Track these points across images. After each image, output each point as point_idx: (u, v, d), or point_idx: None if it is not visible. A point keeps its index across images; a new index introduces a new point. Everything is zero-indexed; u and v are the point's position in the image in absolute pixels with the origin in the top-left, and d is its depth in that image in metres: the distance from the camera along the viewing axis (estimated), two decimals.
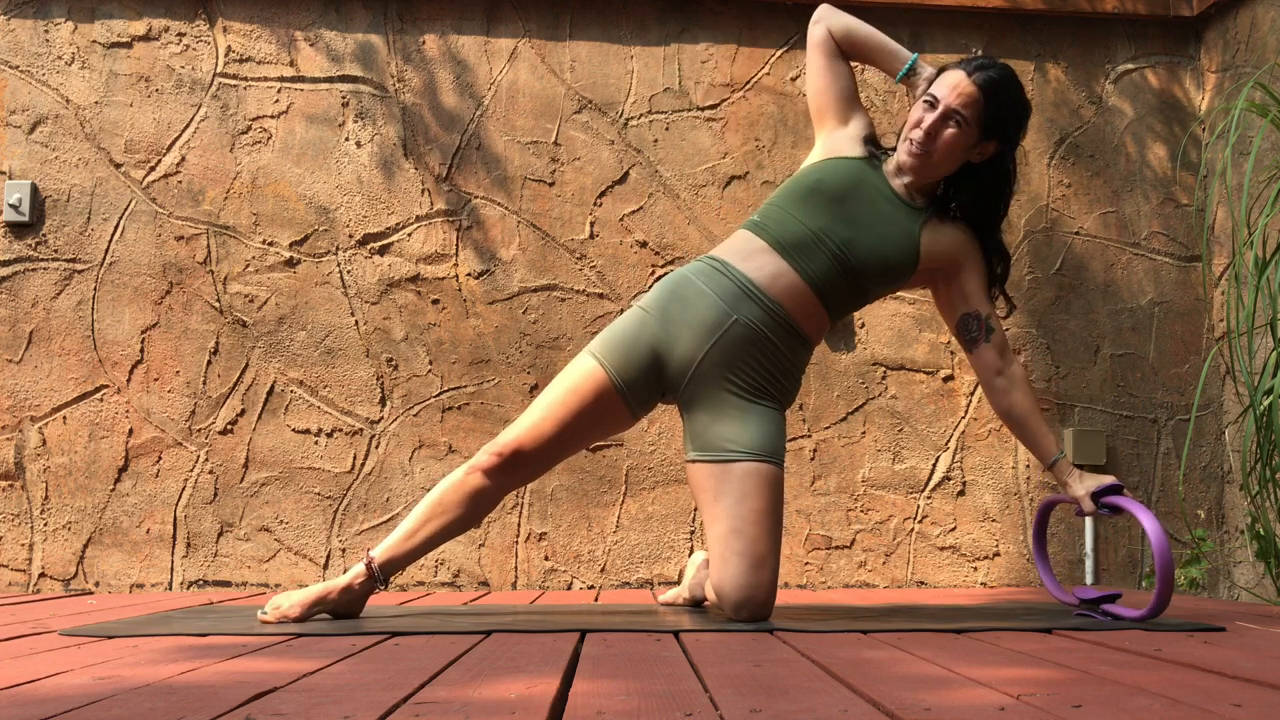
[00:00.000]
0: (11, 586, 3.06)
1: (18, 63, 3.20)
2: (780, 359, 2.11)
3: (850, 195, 2.13)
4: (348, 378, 3.17)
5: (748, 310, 2.08)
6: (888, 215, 2.13)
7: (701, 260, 2.18)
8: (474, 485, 2.07)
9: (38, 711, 1.06)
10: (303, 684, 1.24)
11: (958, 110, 2.09)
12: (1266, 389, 2.53)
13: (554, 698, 1.14)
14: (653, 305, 2.14)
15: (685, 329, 2.09)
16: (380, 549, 2.06)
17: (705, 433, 2.08)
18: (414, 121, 3.26)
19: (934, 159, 2.11)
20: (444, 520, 2.07)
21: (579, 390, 2.10)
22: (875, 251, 2.11)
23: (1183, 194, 3.43)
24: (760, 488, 2.03)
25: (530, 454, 2.08)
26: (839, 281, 2.11)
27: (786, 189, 2.17)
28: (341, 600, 2.03)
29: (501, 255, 3.23)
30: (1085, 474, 2.12)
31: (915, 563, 3.22)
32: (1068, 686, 1.20)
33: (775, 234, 2.11)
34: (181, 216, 3.19)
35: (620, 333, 2.13)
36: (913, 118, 2.12)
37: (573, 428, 2.09)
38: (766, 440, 2.06)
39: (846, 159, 2.17)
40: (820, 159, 2.21)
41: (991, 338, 2.18)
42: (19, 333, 3.12)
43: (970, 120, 2.09)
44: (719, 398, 2.09)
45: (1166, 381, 3.36)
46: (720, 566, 2.02)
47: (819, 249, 2.09)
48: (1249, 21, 3.24)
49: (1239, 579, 3.20)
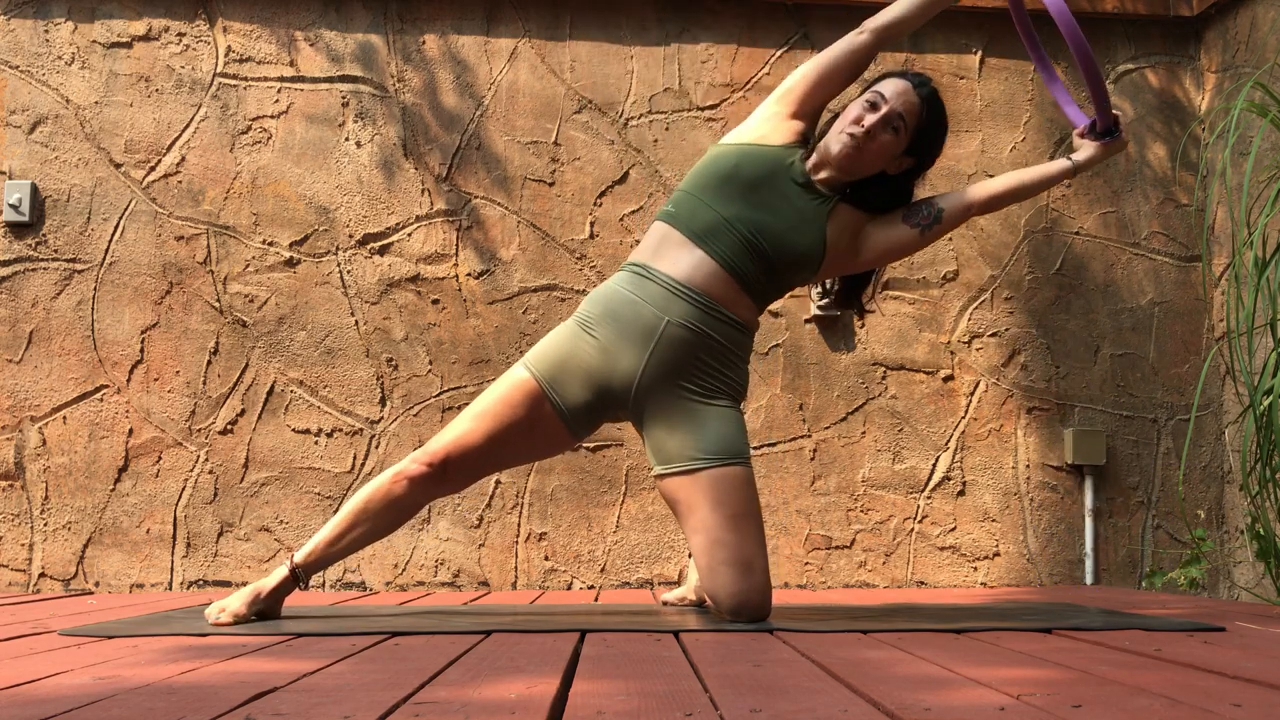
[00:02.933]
0: (11, 586, 3.06)
1: (18, 63, 3.20)
2: (722, 352, 2.09)
3: (764, 184, 2.11)
4: (348, 378, 3.17)
5: (677, 309, 2.06)
6: (799, 204, 2.12)
7: (625, 268, 2.15)
8: (399, 493, 2.05)
9: (38, 711, 1.06)
10: (303, 684, 1.24)
11: (900, 115, 2.10)
12: (1266, 389, 2.53)
13: (554, 698, 1.14)
14: (586, 321, 2.10)
15: (621, 341, 2.06)
16: (303, 552, 2.05)
17: (665, 446, 2.06)
18: (414, 121, 3.26)
19: (865, 157, 2.10)
20: (367, 527, 2.06)
21: (509, 400, 2.07)
22: (785, 238, 2.10)
23: (1183, 194, 3.43)
24: (731, 492, 2.01)
25: (458, 464, 2.06)
26: (752, 265, 2.09)
27: (702, 174, 2.14)
28: (268, 601, 2.03)
29: (501, 255, 3.23)
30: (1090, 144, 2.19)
31: (915, 563, 3.22)
32: (1068, 686, 1.20)
33: (688, 223, 2.10)
34: (181, 216, 3.19)
35: (554, 346, 2.10)
36: (851, 114, 2.12)
37: (502, 439, 2.06)
38: (727, 442, 2.04)
39: (767, 147, 2.15)
40: (744, 142, 2.17)
41: (944, 216, 2.18)
42: (19, 333, 3.12)
43: (907, 129, 2.11)
44: (671, 406, 2.06)
45: (1166, 381, 3.36)
46: (709, 577, 2.00)
47: (731, 233, 2.07)
48: (1249, 21, 3.24)
49: (1239, 579, 3.20)
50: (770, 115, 2.20)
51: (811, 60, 2.21)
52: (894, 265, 3.29)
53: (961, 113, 3.38)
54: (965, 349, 3.31)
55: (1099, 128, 2.18)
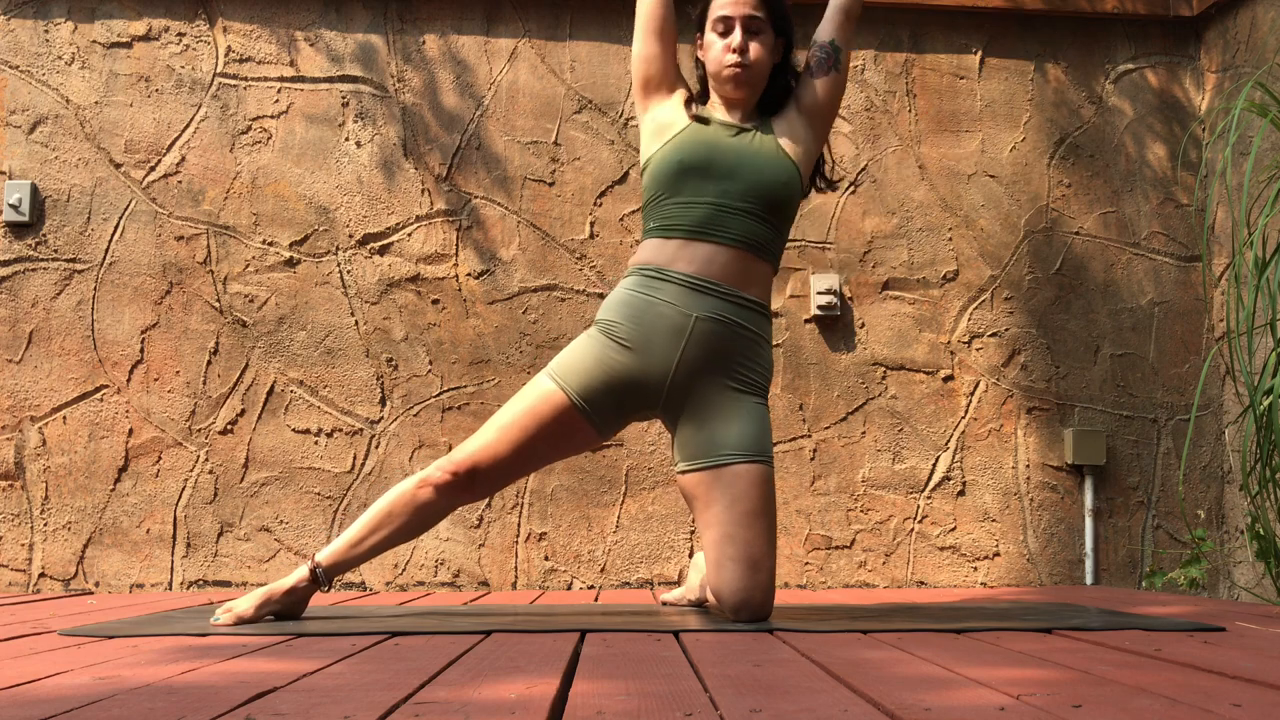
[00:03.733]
0: (11, 586, 3.06)
1: (18, 63, 3.20)
2: (752, 340, 2.10)
3: (712, 153, 2.12)
4: (348, 378, 3.17)
5: (703, 304, 2.07)
6: (747, 150, 2.13)
7: (635, 273, 2.14)
8: (424, 499, 2.05)
9: (38, 711, 1.06)
10: (303, 684, 1.24)
11: (752, 14, 2.13)
12: (1266, 389, 2.53)
13: (554, 698, 1.14)
14: (610, 328, 2.10)
15: (651, 343, 2.07)
16: (326, 553, 2.05)
17: (692, 441, 2.07)
18: (414, 121, 3.26)
19: (754, 70, 2.14)
20: (390, 529, 2.06)
21: (537, 412, 2.07)
22: (763, 183, 2.11)
23: (1183, 194, 3.43)
24: (750, 489, 2.02)
25: (485, 474, 2.07)
26: (758, 227, 2.10)
27: (657, 185, 2.15)
28: (285, 601, 2.03)
29: (501, 255, 3.23)
30: None
31: (915, 563, 3.22)
32: (1068, 686, 1.20)
33: (683, 224, 2.10)
34: (181, 216, 3.19)
35: (579, 356, 2.10)
36: (715, 51, 2.15)
37: (529, 450, 2.07)
38: (753, 440, 2.05)
39: (683, 130, 2.15)
40: (660, 144, 2.17)
41: (837, 44, 2.19)
42: (19, 333, 3.12)
43: (766, 22, 2.15)
44: (703, 401, 2.07)
45: (1166, 381, 3.36)
46: (716, 572, 2.01)
47: (726, 212, 2.09)
48: (1249, 21, 3.24)
49: (1239, 579, 3.20)
50: (652, 109, 2.21)
51: (634, 45, 2.22)
52: (893, 266, 3.29)
53: (961, 113, 3.38)
54: (965, 349, 3.31)
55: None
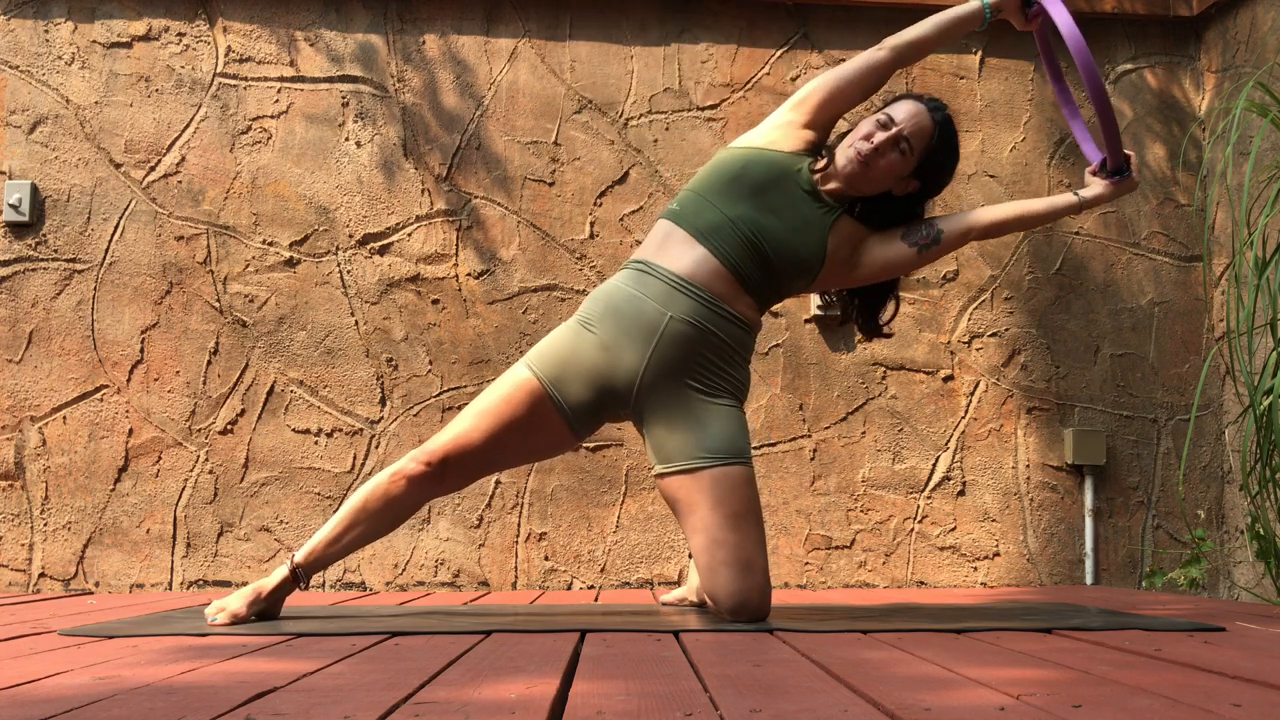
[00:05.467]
0: (11, 586, 3.06)
1: (18, 63, 3.20)
2: (725, 350, 2.09)
3: (771, 187, 2.12)
4: (348, 378, 3.17)
5: (681, 305, 2.06)
6: (803, 211, 2.13)
7: (627, 265, 2.16)
8: (397, 492, 2.04)
9: (38, 711, 1.06)
10: (303, 684, 1.24)
11: (908, 137, 2.11)
12: (1266, 389, 2.53)
13: (554, 698, 1.14)
14: (587, 319, 2.11)
15: (623, 338, 2.06)
16: (302, 552, 2.05)
17: (666, 444, 2.06)
18: (414, 121, 3.26)
19: (871, 174, 2.12)
20: (366, 526, 2.06)
21: (510, 399, 2.06)
22: (788, 243, 2.11)
23: (1182, 194, 3.43)
24: (731, 492, 2.01)
25: (457, 463, 2.05)
26: (752, 266, 2.09)
27: (709, 175, 2.15)
28: (271, 599, 2.03)
29: (501, 255, 3.23)
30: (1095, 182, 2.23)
31: (915, 563, 3.22)
32: (1068, 686, 1.20)
33: (692, 220, 2.11)
34: (181, 216, 3.19)
35: (555, 345, 2.10)
36: (863, 130, 2.13)
37: (502, 439, 2.06)
38: (728, 441, 2.04)
39: (776, 153, 2.16)
40: (753, 145, 2.18)
41: (943, 238, 2.18)
42: (19, 333, 3.12)
43: (914, 150, 2.12)
44: (672, 404, 2.06)
45: (1166, 381, 3.36)
46: (709, 577, 2.01)
47: (733, 232, 2.08)
48: (1249, 21, 3.24)
49: (1239, 579, 3.20)
50: (783, 123, 2.21)
51: (829, 72, 2.21)
52: None
53: (961, 113, 3.38)
54: (965, 349, 3.31)
55: (1109, 166, 2.19)
